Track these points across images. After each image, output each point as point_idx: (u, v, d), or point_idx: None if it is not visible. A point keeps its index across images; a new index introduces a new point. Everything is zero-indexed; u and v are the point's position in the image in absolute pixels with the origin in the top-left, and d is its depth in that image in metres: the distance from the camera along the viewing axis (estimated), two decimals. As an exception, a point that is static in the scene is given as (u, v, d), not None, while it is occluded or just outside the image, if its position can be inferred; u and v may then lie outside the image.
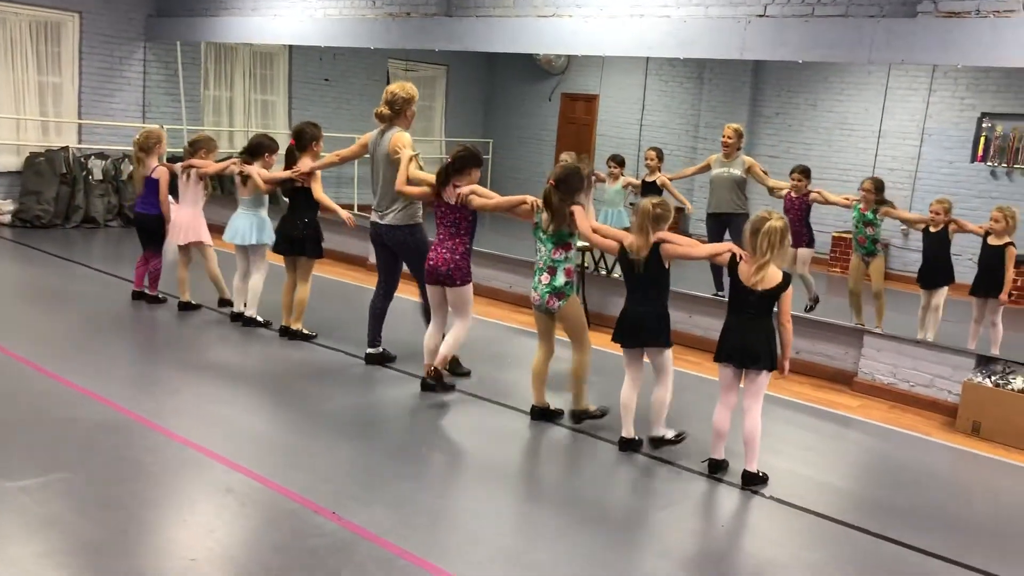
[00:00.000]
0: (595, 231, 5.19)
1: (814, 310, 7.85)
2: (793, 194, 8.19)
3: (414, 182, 5.74)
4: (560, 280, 5.27)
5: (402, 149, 5.77)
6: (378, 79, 14.07)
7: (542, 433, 5.35)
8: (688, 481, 4.82)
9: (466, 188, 5.47)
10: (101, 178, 11.12)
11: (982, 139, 11.37)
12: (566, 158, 9.79)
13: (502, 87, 15.97)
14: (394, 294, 6.35)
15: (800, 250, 8.11)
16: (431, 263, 5.59)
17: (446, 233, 5.57)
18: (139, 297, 7.46)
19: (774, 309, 4.71)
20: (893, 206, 7.69)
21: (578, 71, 14.90)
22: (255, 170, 6.73)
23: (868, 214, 7.54)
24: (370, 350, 6.31)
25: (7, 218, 10.56)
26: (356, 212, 11.87)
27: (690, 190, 11.00)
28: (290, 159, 6.60)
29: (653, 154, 9.11)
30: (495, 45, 8.70)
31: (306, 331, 6.79)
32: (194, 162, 7.16)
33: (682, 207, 10.56)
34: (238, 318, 7.06)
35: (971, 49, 5.94)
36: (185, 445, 4.65)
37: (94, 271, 8.66)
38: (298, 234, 6.58)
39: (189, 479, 4.31)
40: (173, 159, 11.17)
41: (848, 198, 7.94)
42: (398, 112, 5.97)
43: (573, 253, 5.33)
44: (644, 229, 4.87)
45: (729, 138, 8.37)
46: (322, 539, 3.78)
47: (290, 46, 12.91)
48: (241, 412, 5.30)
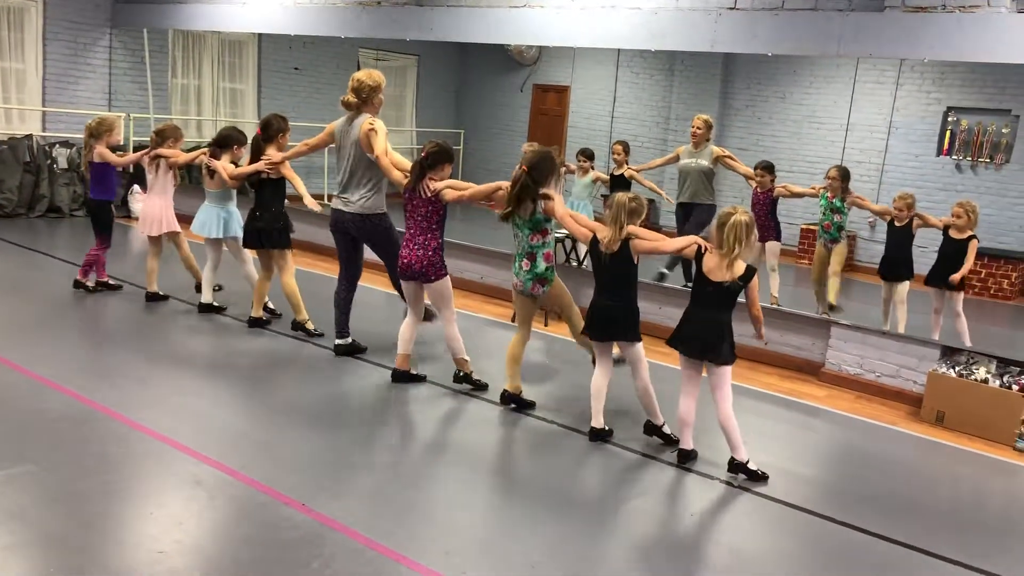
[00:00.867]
0: (572, 216, 5.24)
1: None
2: (759, 190, 8.26)
3: (394, 162, 5.74)
4: (541, 266, 5.33)
5: (378, 133, 5.75)
6: (348, 68, 13.95)
7: (514, 423, 5.36)
8: (659, 471, 4.86)
9: (441, 183, 5.47)
10: (66, 167, 10.95)
11: (948, 133, 11.54)
12: (527, 149, 9.81)
13: (474, 78, 15.93)
14: (358, 283, 6.32)
15: (768, 243, 8.19)
16: (405, 261, 5.58)
17: (417, 228, 5.56)
18: (102, 287, 7.44)
19: (735, 303, 4.76)
20: (861, 197, 7.82)
21: (550, 62, 14.91)
22: (221, 165, 6.69)
23: (835, 201, 7.65)
24: (339, 341, 6.28)
25: (-31, 207, 10.38)
26: (325, 203, 11.83)
27: (660, 182, 11.05)
28: (256, 150, 6.54)
29: (620, 148, 9.14)
30: (466, 35, 8.67)
31: (265, 317, 6.78)
32: (163, 152, 7.07)
33: (653, 199, 10.62)
34: (206, 309, 7.01)
35: (937, 43, 6.02)
36: (152, 437, 4.61)
37: (59, 261, 8.54)
38: (264, 226, 6.53)
39: (157, 471, 4.27)
40: (139, 149, 11.06)
41: (815, 187, 8.04)
42: (365, 100, 5.93)
43: (551, 238, 5.36)
44: (618, 222, 4.89)
45: (698, 128, 8.40)
46: (292, 531, 3.77)
47: (259, 34, 12.79)
48: (209, 403, 5.26)
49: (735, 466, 4.78)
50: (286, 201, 6.73)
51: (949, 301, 7.05)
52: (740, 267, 4.68)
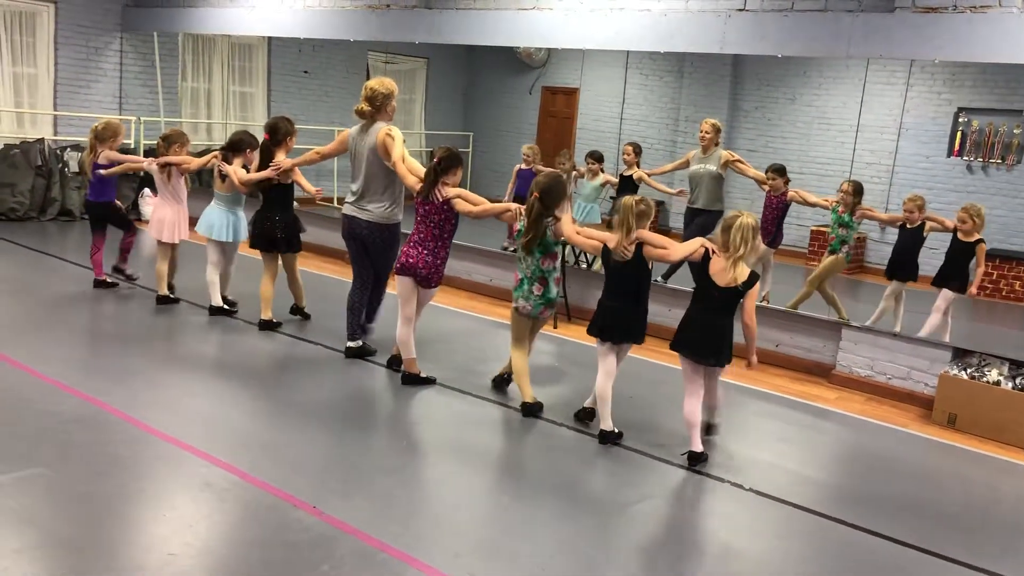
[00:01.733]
0: (579, 233, 5.23)
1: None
2: (772, 193, 8.21)
3: (411, 168, 5.77)
4: (553, 291, 5.40)
5: (396, 140, 5.77)
6: (358, 71, 14.02)
7: (522, 425, 5.36)
8: (666, 472, 4.84)
9: (452, 192, 5.49)
10: (77, 170, 10.99)
11: (958, 134, 11.49)
12: (527, 152, 9.81)
13: (482, 80, 15.95)
14: (371, 287, 6.33)
15: (761, 246, 8.14)
16: (411, 261, 5.59)
17: (428, 233, 5.57)
18: (100, 285, 7.54)
19: (737, 307, 4.76)
20: (872, 210, 7.82)
21: (558, 64, 14.91)
22: (232, 170, 6.73)
23: (845, 216, 7.62)
24: (350, 344, 6.29)
25: (-19, 211, 10.45)
26: (336, 205, 11.86)
27: (670, 184, 11.03)
28: (264, 154, 6.58)
29: (630, 149, 9.12)
30: (475, 38, 8.69)
31: (275, 320, 6.82)
32: (172, 159, 7.11)
33: (663, 200, 10.59)
34: (217, 311, 7.03)
35: (948, 44, 6.00)
36: (163, 439, 4.62)
37: (70, 264, 8.58)
38: (274, 230, 6.57)
39: (167, 473, 4.28)
40: (150, 152, 11.09)
41: (828, 199, 7.99)
42: (379, 108, 5.94)
43: (559, 262, 5.38)
44: (626, 225, 4.88)
45: (706, 133, 8.37)
46: (302, 533, 3.77)
47: (269, 38, 12.83)
48: (219, 405, 5.27)
49: (709, 428, 4.97)
50: (295, 203, 6.78)
51: (946, 301, 7.01)
52: (744, 271, 4.68)
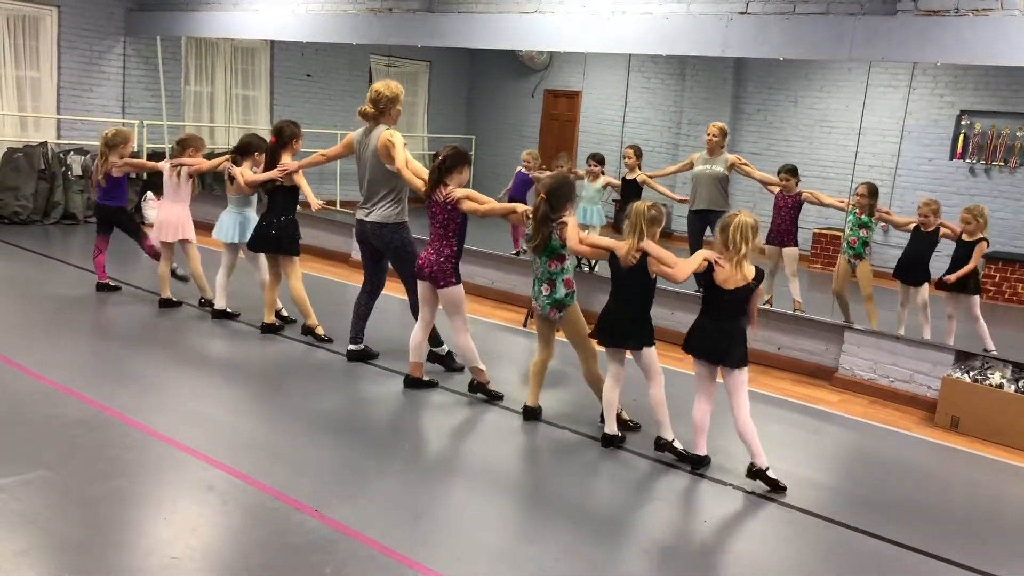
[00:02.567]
0: (582, 241, 5.17)
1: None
2: (785, 194, 8.20)
3: (414, 171, 5.76)
4: (560, 292, 5.29)
5: (396, 144, 5.76)
6: (360, 75, 14.02)
7: (526, 430, 5.36)
8: (672, 477, 4.84)
9: (459, 192, 5.48)
10: (80, 174, 11.02)
11: (961, 136, 11.47)
12: (527, 158, 9.82)
13: (485, 83, 15.95)
14: (380, 293, 6.33)
15: (787, 249, 8.13)
16: (420, 262, 5.62)
17: (435, 233, 5.58)
18: (103, 289, 7.58)
19: (747, 306, 4.76)
20: (889, 213, 7.79)
21: (561, 68, 14.91)
22: (239, 172, 6.76)
23: (863, 217, 7.59)
24: (351, 347, 6.30)
25: (-15, 214, 10.48)
26: (339, 208, 11.88)
27: (671, 187, 11.02)
28: (270, 156, 6.60)
29: (631, 152, 9.11)
30: (477, 41, 8.70)
31: (278, 323, 6.84)
32: (185, 160, 7.16)
33: (666, 204, 10.56)
34: (220, 315, 7.05)
35: (950, 47, 5.99)
36: (165, 442, 4.63)
37: (73, 267, 8.59)
38: (274, 232, 6.58)
39: (170, 477, 4.28)
40: (153, 156, 11.13)
41: (844, 201, 7.96)
42: (383, 111, 5.93)
43: (569, 263, 5.31)
44: (637, 230, 4.86)
45: (713, 136, 8.36)
46: (304, 536, 3.78)
47: (272, 41, 12.84)
48: (222, 409, 5.27)
49: (754, 472, 4.75)
50: (297, 207, 6.79)
51: (964, 306, 7.00)
52: (750, 270, 4.67)
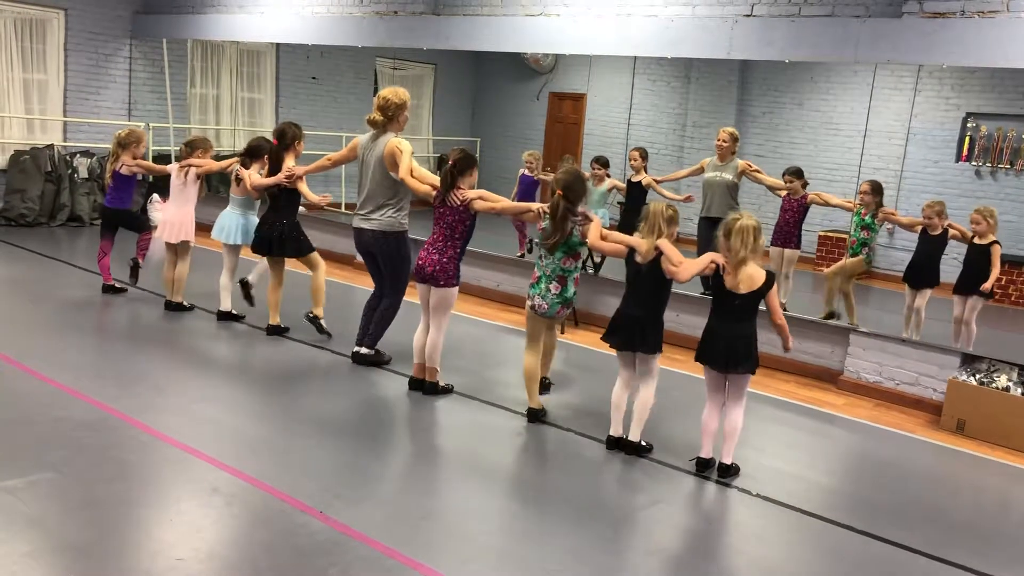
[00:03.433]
0: (604, 238, 5.17)
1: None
2: (791, 196, 8.19)
3: (420, 178, 5.75)
4: (571, 290, 5.30)
5: (404, 153, 5.76)
6: (365, 77, 14.06)
7: (529, 431, 5.36)
8: (674, 479, 4.83)
9: (472, 193, 5.48)
10: (86, 176, 11.06)
11: (967, 139, 11.46)
12: (528, 159, 9.82)
13: (490, 86, 15.97)
14: (403, 293, 6.33)
15: (788, 251, 8.14)
16: (420, 262, 5.60)
17: (440, 235, 5.57)
18: (108, 291, 7.63)
19: (758, 310, 4.75)
20: (893, 212, 7.75)
21: (566, 70, 14.92)
22: (248, 175, 6.79)
23: (867, 218, 7.57)
24: (357, 348, 6.30)
25: (-9, 216, 10.51)
26: (344, 211, 11.90)
27: (675, 188, 11.02)
28: (273, 158, 6.62)
29: (637, 154, 9.08)
30: (483, 44, 8.70)
31: (283, 324, 6.86)
32: (194, 161, 7.18)
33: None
34: (224, 317, 7.06)
35: (956, 49, 5.98)
36: (171, 444, 4.63)
37: (79, 269, 8.61)
38: (277, 234, 6.60)
39: (175, 478, 4.29)
40: (159, 158, 11.16)
41: (851, 202, 7.94)
42: (391, 118, 5.93)
43: (580, 262, 5.30)
44: (656, 229, 4.86)
45: (724, 142, 8.34)
46: (309, 538, 3.78)
47: (277, 44, 12.88)
48: (228, 411, 5.28)
49: (725, 469, 4.82)
50: (300, 209, 6.81)
51: (970, 308, 6.98)
52: (759, 275, 4.67)
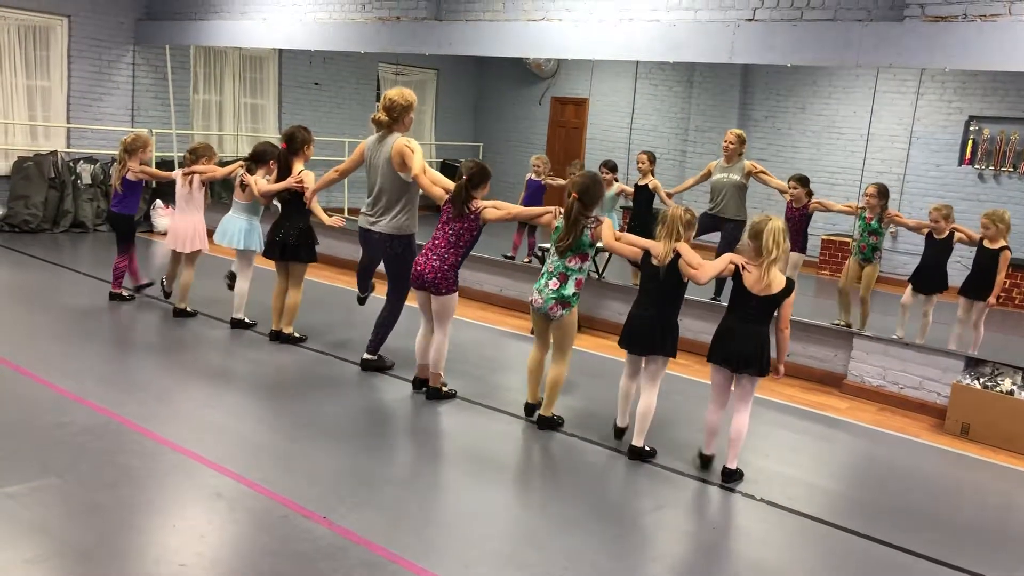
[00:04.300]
0: (618, 239, 5.18)
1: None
2: (793, 204, 8.18)
3: (433, 179, 5.74)
4: (569, 289, 5.22)
5: (416, 152, 5.76)
6: (368, 83, 14.08)
7: (533, 436, 5.35)
8: (679, 483, 4.83)
9: (485, 203, 5.50)
10: (90, 182, 11.08)
11: (969, 142, 11.45)
12: (536, 163, 9.83)
13: (492, 91, 15.98)
14: (404, 298, 6.32)
15: (792, 254, 8.13)
16: (418, 268, 5.58)
17: (444, 240, 5.55)
18: (142, 288, 7.75)
19: (774, 314, 4.75)
20: (899, 215, 7.74)
21: (568, 75, 14.94)
22: (254, 181, 6.79)
23: (873, 223, 7.54)
24: (366, 355, 6.29)
25: (-5, 223, 10.53)
26: (347, 216, 11.90)
27: (679, 200, 11.01)
28: (282, 163, 6.61)
29: (644, 158, 9.10)
30: (485, 49, 8.71)
31: (297, 335, 6.79)
32: (197, 168, 7.17)
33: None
34: (238, 324, 7.08)
35: (958, 53, 5.98)
36: (174, 450, 4.64)
37: (82, 275, 8.63)
38: (291, 240, 6.59)
39: (178, 484, 4.29)
40: (162, 164, 11.18)
41: (851, 205, 7.93)
42: (396, 119, 5.91)
43: (587, 265, 5.29)
44: (674, 234, 4.86)
45: (731, 143, 8.36)
46: (313, 544, 3.78)
47: (280, 50, 12.90)
48: (231, 416, 5.28)
49: (730, 474, 4.81)
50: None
51: (977, 312, 6.95)
52: (780, 278, 4.68)
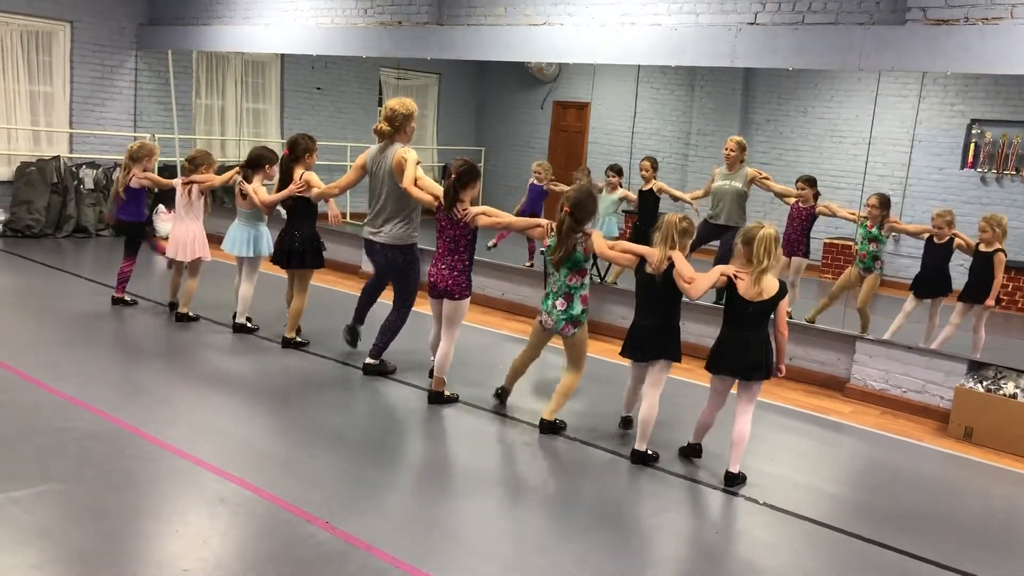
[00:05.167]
0: (612, 247, 5.17)
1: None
2: (800, 204, 8.19)
3: (425, 188, 5.75)
4: (577, 308, 5.25)
5: (409, 162, 5.77)
6: (370, 88, 14.09)
7: (536, 441, 5.35)
8: (681, 487, 4.82)
9: (476, 209, 5.49)
10: (92, 187, 11.10)
11: (972, 145, 11.44)
12: (537, 169, 9.83)
13: (494, 95, 16.00)
14: (411, 306, 6.33)
15: (795, 259, 8.13)
16: (431, 279, 5.62)
17: (444, 248, 5.58)
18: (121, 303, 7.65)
19: (771, 318, 4.76)
20: (898, 222, 7.74)
21: (570, 79, 14.95)
22: (253, 190, 6.78)
23: (873, 231, 7.54)
24: (369, 360, 6.30)
25: (-2, 228, 10.55)
26: (349, 220, 11.92)
27: (682, 187, 11.00)
28: (284, 169, 6.63)
29: (648, 164, 9.11)
30: (487, 53, 8.72)
31: (299, 339, 6.80)
32: (196, 177, 7.16)
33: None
34: (240, 329, 7.08)
35: (960, 56, 5.98)
36: (177, 455, 4.63)
37: (85, 280, 8.63)
38: (297, 246, 6.61)
39: (181, 489, 4.29)
40: (164, 169, 11.19)
41: (855, 213, 7.93)
42: (398, 128, 5.93)
43: (587, 279, 5.29)
44: (669, 241, 4.86)
45: (731, 151, 8.36)
46: (316, 548, 3.77)
47: (282, 55, 12.92)
48: (234, 421, 5.28)
49: (732, 478, 4.81)
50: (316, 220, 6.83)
51: (976, 316, 6.94)
52: (773, 283, 4.68)
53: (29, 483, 4.15)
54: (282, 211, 6.98)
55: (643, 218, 9.05)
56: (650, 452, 5.05)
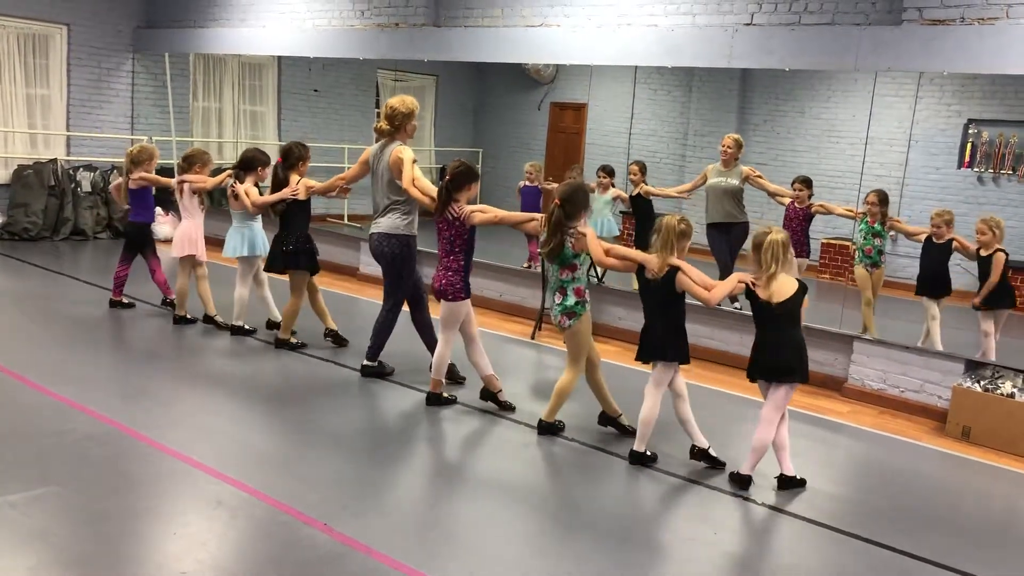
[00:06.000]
0: (608, 252, 5.16)
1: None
2: (796, 204, 8.20)
3: (422, 189, 5.76)
4: (571, 300, 5.24)
5: (405, 161, 5.79)
6: (367, 90, 14.09)
7: (537, 443, 5.35)
8: (680, 488, 4.83)
9: (468, 208, 5.50)
10: (90, 190, 11.10)
11: (968, 145, 11.46)
12: (529, 169, 9.84)
13: (491, 97, 16.01)
14: (423, 303, 6.30)
15: (796, 260, 8.13)
16: (433, 283, 5.65)
17: (442, 250, 5.61)
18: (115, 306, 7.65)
19: (800, 315, 4.76)
20: (900, 222, 7.74)
21: (567, 80, 14.95)
22: (244, 191, 6.79)
23: (876, 226, 7.54)
24: (366, 362, 6.30)
25: (-5, 231, 10.54)
26: (347, 222, 11.93)
27: (678, 206, 11.01)
28: (276, 177, 6.65)
29: (636, 168, 9.11)
30: (484, 55, 8.73)
31: (296, 341, 6.80)
32: (187, 177, 7.18)
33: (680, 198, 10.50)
34: (237, 331, 7.08)
35: (956, 56, 6.00)
36: (175, 457, 4.63)
37: (83, 283, 8.63)
38: (290, 250, 6.61)
39: (180, 491, 4.29)
40: (161, 172, 11.17)
41: (851, 210, 7.93)
42: (398, 127, 5.95)
43: (581, 273, 5.28)
44: (669, 245, 4.87)
45: (728, 148, 8.38)
46: (314, 551, 3.77)
47: (279, 57, 12.92)
48: (232, 423, 5.28)
49: (740, 479, 4.82)
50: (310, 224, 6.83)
51: (982, 320, 6.91)
52: (789, 284, 4.70)
53: (27, 486, 4.15)
54: (271, 214, 6.99)
55: (639, 221, 9.05)
56: (648, 453, 5.05)
